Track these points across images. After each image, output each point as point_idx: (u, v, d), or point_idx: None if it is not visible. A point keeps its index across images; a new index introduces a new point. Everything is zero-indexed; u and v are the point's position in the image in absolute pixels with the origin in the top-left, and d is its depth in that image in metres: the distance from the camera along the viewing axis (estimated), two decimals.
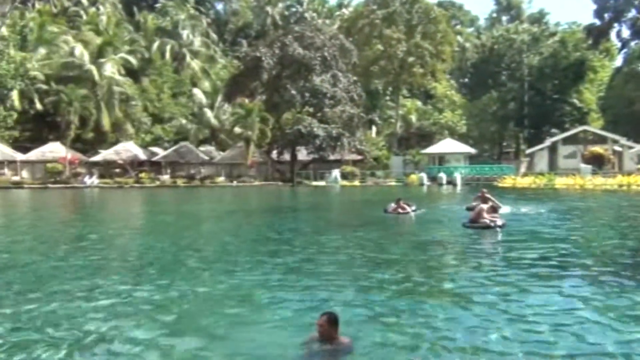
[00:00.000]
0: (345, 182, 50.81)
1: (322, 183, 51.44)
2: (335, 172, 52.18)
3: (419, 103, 73.86)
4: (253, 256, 12.04)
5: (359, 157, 57.28)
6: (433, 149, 57.63)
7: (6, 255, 12.60)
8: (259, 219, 21.93)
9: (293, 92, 53.22)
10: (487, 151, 74.63)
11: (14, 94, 53.65)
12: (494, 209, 16.14)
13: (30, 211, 28.15)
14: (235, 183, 51.23)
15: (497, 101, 69.88)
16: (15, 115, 53.67)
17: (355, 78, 57.11)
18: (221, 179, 52.96)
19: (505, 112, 70.25)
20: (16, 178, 50.57)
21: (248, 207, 29.16)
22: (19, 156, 52.62)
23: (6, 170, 51.44)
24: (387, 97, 73.02)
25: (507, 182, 45.41)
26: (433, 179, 49.72)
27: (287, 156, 55.26)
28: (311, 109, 54.26)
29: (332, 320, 5.61)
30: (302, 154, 55.06)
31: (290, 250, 12.66)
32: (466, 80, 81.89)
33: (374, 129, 68.71)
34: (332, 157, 53.94)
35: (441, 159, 56.59)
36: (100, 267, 10.87)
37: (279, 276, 9.63)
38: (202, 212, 25.63)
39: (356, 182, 51.45)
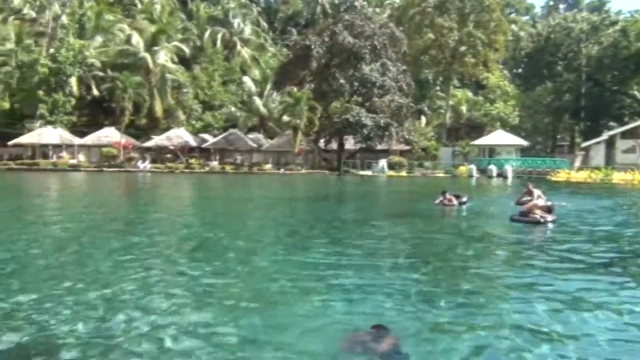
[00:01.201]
0: (392, 173, 50.42)
1: (368, 173, 51.19)
2: (383, 162, 51.83)
3: (469, 93, 72.23)
4: (298, 243, 12.13)
5: (407, 148, 56.64)
6: (483, 140, 56.38)
7: (65, 234, 13.13)
8: (305, 207, 22.07)
9: (342, 80, 53.03)
10: (539, 144, 72.41)
11: (73, 81, 55.79)
12: (549, 209, 15.44)
13: (88, 193, 29.22)
14: (282, 171, 51.63)
15: (552, 92, 67.56)
16: (73, 101, 55.86)
17: (404, 67, 56.36)
18: (268, 166, 53.50)
19: (561, 103, 67.84)
20: (74, 161, 52.55)
21: (295, 195, 29.37)
22: (77, 140, 54.65)
23: (64, 154, 53.54)
24: (437, 87, 71.80)
25: (561, 176, 44.00)
26: (482, 171, 48.71)
27: (334, 145, 55.24)
28: (359, 98, 53.98)
29: (375, 329, 5.62)
30: (350, 143, 54.89)
31: (335, 239, 12.68)
32: (520, 70, 79.45)
33: (423, 119, 67.73)
34: (379, 147, 53.58)
35: (492, 151, 55.33)
36: (150, 249, 11.19)
37: (323, 264, 9.66)
38: (249, 199, 25.99)
39: (403, 173, 50.96)
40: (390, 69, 53.49)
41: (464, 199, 20.56)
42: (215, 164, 53.68)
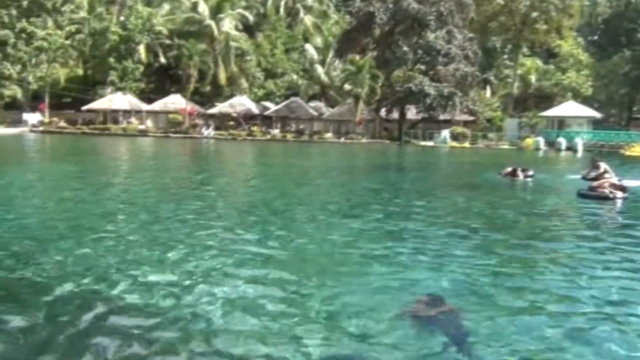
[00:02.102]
0: (454, 143, 49.37)
1: (430, 143, 50.35)
2: (445, 133, 50.79)
3: (539, 62, 69.01)
4: (359, 212, 12.18)
5: (471, 118, 55.16)
6: (553, 111, 53.94)
7: (134, 196, 13.74)
8: (365, 176, 22.06)
9: (405, 48, 51.92)
10: (614, 116, 68.57)
11: (141, 48, 57.50)
12: (622, 189, 14.45)
13: (156, 157, 30.35)
14: (342, 140, 51.59)
15: (630, 61, 63.46)
16: (141, 68, 57.70)
17: (471, 35, 54.37)
18: (329, 135, 53.55)
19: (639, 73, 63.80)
20: (142, 127, 54.48)
21: (355, 164, 29.38)
22: (144, 106, 56.54)
23: (133, 119, 55.55)
24: (505, 56, 68.96)
25: (636, 150, 41.69)
26: (551, 144, 46.83)
27: (395, 114, 54.53)
28: (423, 67, 52.75)
29: (431, 300, 5.60)
30: (411, 113, 54.03)
31: (395, 210, 12.64)
32: (595, 37, 75.01)
33: (488, 88, 65.46)
34: (442, 117, 52.42)
35: (561, 122, 52.92)
36: (213, 213, 11.55)
37: (383, 232, 9.69)
38: (310, 167, 26.23)
39: (466, 144, 49.79)
40: (456, 37, 51.80)
41: (530, 172, 19.93)
42: (276, 131, 54.27)
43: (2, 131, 46.04)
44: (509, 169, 19.71)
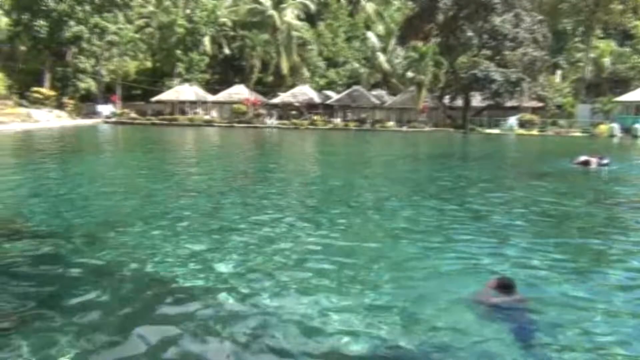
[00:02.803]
0: (522, 131, 47.70)
1: (496, 131, 48.86)
2: (512, 120, 49.15)
3: (614, 45, 65.36)
4: (423, 200, 12.03)
5: (540, 104, 53.05)
6: (629, 96, 50.99)
7: (200, 185, 14.16)
8: (428, 165, 21.73)
9: (470, 33, 50.52)
10: None
11: (206, 40, 58.89)
12: None
13: (222, 146, 31.10)
14: (405, 128, 50.97)
15: None
16: (207, 60, 59.16)
17: (540, 17, 52.13)
18: (391, 123, 53.02)
19: None
20: (207, 117, 55.91)
21: (418, 153, 29.00)
22: (210, 97, 57.95)
23: (199, 110, 57.10)
24: (577, 38, 65.70)
25: None
26: (626, 130, 44.38)
27: (460, 102, 53.26)
28: (489, 52, 51.11)
29: (502, 286, 5.45)
30: (477, 100, 52.57)
31: (460, 199, 12.40)
32: None
33: (558, 73, 62.66)
34: (509, 104, 50.70)
35: (638, 108, 50.05)
36: (278, 200, 11.72)
37: (448, 225, 9.53)
38: (372, 156, 26.13)
39: (534, 131, 47.98)
40: (524, 20, 49.85)
41: (605, 161, 18.99)
42: (338, 120, 54.28)
43: (78, 122, 48.48)
44: (582, 157, 18.87)
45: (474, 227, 9.16)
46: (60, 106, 49.60)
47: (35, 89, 48.23)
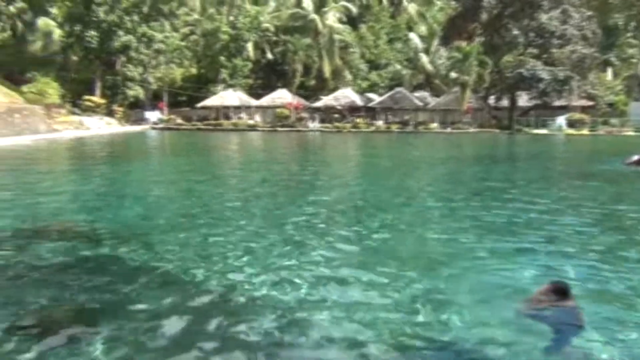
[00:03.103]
0: (571, 131, 46.29)
1: (544, 131, 47.60)
2: (561, 120, 47.77)
3: None
4: (468, 202, 11.85)
5: (590, 103, 51.37)
6: None
7: (245, 188, 14.37)
8: (473, 167, 21.37)
9: (515, 32, 49.43)
10: None
11: (249, 46, 59.74)
12: None
13: (266, 150, 31.48)
14: (449, 129, 50.29)
15: None
16: (250, 65, 59.98)
17: (590, 13, 50.52)
18: (434, 125, 52.40)
19: None
20: (251, 122, 56.63)
21: (462, 155, 28.56)
22: (253, 102, 58.68)
23: (243, 115, 57.90)
24: (629, 34, 63.31)
25: None
26: None
27: (505, 102, 52.14)
28: (535, 50, 49.86)
29: (556, 290, 5.23)
30: (523, 100, 51.36)
31: (506, 202, 12.14)
32: None
33: (609, 70, 60.56)
34: (557, 103, 49.33)
35: None
36: (323, 203, 11.76)
37: (493, 224, 9.36)
38: (415, 158, 25.90)
39: (585, 131, 46.49)
40: (572, 16, 48.44)
41: None
42: (380, 123, 54.05)
43: (127, 129, 49.94)
44: (636, 157, 18.16)
45: (523, 231, 8.96)
46: (110, 113, 51.24)
47: (87, 97, 49.98)
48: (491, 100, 53.49)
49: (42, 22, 54.62)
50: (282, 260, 7.11)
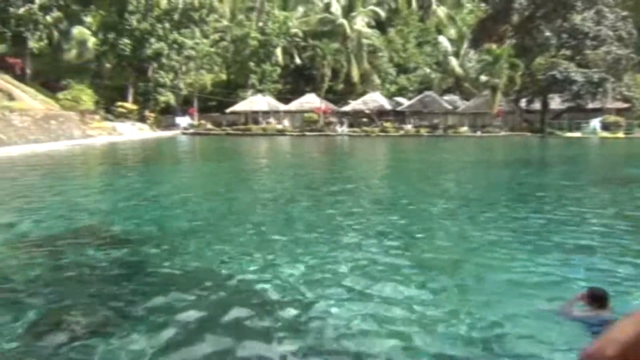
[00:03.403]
0: (606, 134, 45.23)
1: (577, 134, 46.65)
2: (595, 122, 46.72)
3: None
4: (499, 207, 11.67)
5: (625, 105, 50.06)
6: None
7: (274, 193, 14.45)
8: (503, 171, 21.05)
9: (548, 33, 48.69)
10: None
11: (278, 51, 60.19)
12: None
13: (294, 155, 31.62)
14: (479, 133, 49.70)
15: None
16: (278, 70, 60.44)
17: (625, 13, 49.38)
18: (464, 128, 51.83)
19: None
20: (280, 126, 56.97)
21: (493, 158, 28.17)
22: (282, 107, 59.03)
23: (272, 119, 58.29)
24: None
25: None
26: None
27: (537, 105, 51.28)
28: (568, 52, 48.95)
29: (593, 297, 5.06)
30: (555, 102, 50.44)
31: (539, 208, 11.91)
32: None
33: None
34: (591, 106, 48.29)
35: None
36: (353, 207, 11.73)
37: (525, 230, 9.19)
38: (445, 162, 25.65)
39: (620, 134, 45.37)
40: (606, 16, 47.43)
41: None
42: (409, 127, 53.73)
43: (159, 134, 50.80)
44: None
45: (557, 237, 8.77)
46: (142, 119, 52.21)
47: (120, 103, 51.05)
48: (522, 103, 52.70)
49: (77, 31, 56.15)
50: (312, 261, 7.11)
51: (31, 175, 18.39)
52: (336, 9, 60.70)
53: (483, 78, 52.74)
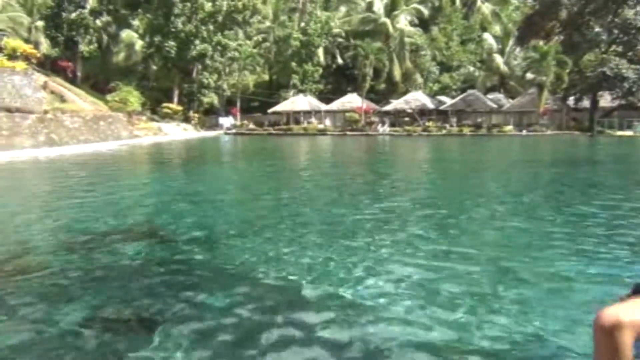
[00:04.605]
0: None
1: (629, 133, 45.00)
2: None
3: None
4: (546, 208, 11.37)
5: None
6: None
7: (311, 194, 14.50)
8: (551, 171, 20.49)
9: (598, 29, 47.12)
10: None
11: (320, 51, 60.39)
12: None
13: (335, 155, 31.65)
14: (524, 132, 48.54)
15: None
16: (320, 70, 60.64)
17: None
18: (509, 127, 50.74)
19: None
20: (321, 126, 57.18)
21: (539, 158, 27.44)
22: (323, 106, 59.24)
23: (313, 119, 58.58)
24: None
25: None
26: None
27: (586, 103, 49.72)
28: (620, 48, 47.31)
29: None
30: (605, 100, 48.82)
31: (588, 210, 11.54)
32: None
33: None
34: None
35: None
36: (393, 208, 11.66)
37: (572, 232, 8.92)
38: (488, 162, 25.17)
39: None
40: None
41: None
42: (452, 126, 52.97)
43: (203, 134, 51.78)
44: None
45: (602, 237, 8.49)
46: (186, 120, 53.35)
47: (165, 104, 52.31)
48: (570, 101, 51.17)
49: (125, 34, 57.84)
50: (349, 260, 7.11)
51: (80, 173, 19.05)
52: (378, 7, 60.44)
53: (529, 76, 51.55)
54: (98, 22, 53.47)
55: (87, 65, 55.41)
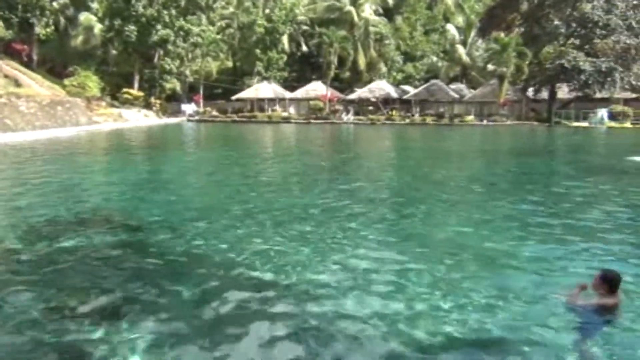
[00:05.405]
0: (613, 124, 44.99)
1: (584, 124, 46.42)
2: (602, 112, 46.44)
3: None
4: (505, 196, 11.69)
5: (634, 95, 49.71)
6: None
7: (277, 180, 14.50)
8: (510, 160, 21.01)
9: (557, 22, 48.18)
10: None
11: (285, 38, 59.94)
12: None
13: (299, 143, 31.61)
14: (485, 122, 49.50)
15: None
16: (285, 58, 60.22)
17: (636, 2, 48.74)
18: (470, 117, 51.65)
19: None
20: (285, 114, 56.93)
21: (499, 148, 28.08)
22: (288, 94, 58.96)
23: (277, 107, 58.26)
24: None
25: None
26: None
27: (544, 94, 50.95)
28: (577, 41, 48.56)
29: (605, 279, 4.95)
30: (563, 92, 50.11)
31: (544, 195, 11.93)
32: None
33: None
34: (598, 95, 47.90)
35: None
36: (357, 196, 11.79)
37: (529, 218, 9.22)
38: (450, 151, 25.62)
39: (627, 124, 45.14)
40: (617, 5, 46.85)
41: None
42: (415, 115, 53.55)
43: (164, 121, 50.88)
44: None
45: (561, 224, 8.80)
46: (147, 106, 52.23)
47: (125, 90, 51.04)
48: (530, 92, 52.38)
49: (83, 17, 56.00)
50: (310, 253, 7.18)
51: (37, 160, 18.52)
52: None
53: (490, 67, 52.45)
54: (55, 3, 51.66)
55: (44, 48, 53.51)
